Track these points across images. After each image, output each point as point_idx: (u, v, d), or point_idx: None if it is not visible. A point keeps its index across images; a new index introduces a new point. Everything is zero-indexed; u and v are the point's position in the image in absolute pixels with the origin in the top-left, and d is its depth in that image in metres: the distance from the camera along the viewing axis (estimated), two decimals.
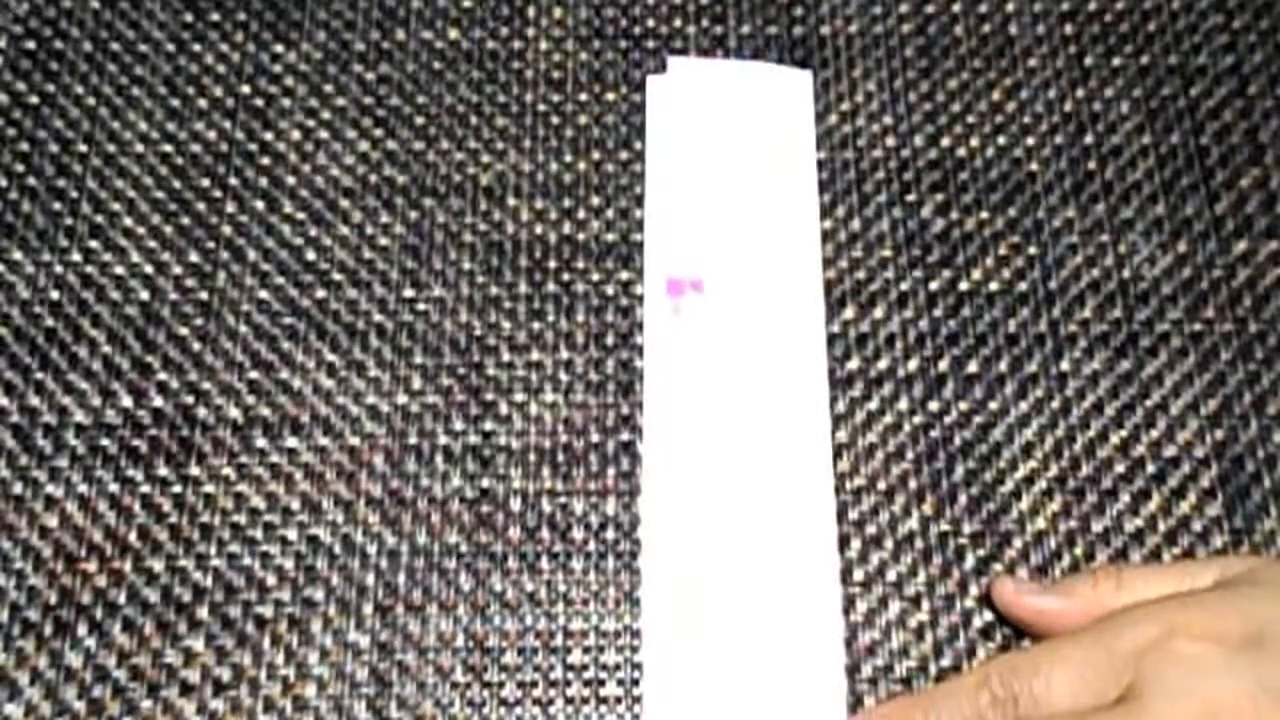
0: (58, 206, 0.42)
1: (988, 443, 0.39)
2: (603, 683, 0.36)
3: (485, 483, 0.39)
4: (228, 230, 0.42)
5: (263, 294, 0.41)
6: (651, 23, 0.46)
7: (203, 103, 0.44)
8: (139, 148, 0.43)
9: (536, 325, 0.41)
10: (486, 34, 0.46)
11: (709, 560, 0.37)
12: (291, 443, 0.39)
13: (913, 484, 0.38)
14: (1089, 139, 0.43)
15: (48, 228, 0.42)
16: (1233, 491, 0.38)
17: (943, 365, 0.40)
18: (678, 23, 0.46)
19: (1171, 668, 0.32)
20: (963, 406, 0.39)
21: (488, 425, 0.39)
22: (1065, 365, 0.40)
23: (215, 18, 0.46)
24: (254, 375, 0.40)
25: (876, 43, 0.45)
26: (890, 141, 0.43)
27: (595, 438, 0.39)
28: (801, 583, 0.37)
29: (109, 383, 0.40)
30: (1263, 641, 0.32)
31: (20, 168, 0.43)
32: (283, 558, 0.38)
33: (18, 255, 0.42)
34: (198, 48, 0.45)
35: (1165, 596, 0.34)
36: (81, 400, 0.40)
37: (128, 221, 0.42)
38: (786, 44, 0.45)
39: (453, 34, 0.46)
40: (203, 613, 0.37)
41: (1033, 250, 0.42)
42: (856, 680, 0.36)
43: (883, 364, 0.40)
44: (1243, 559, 0.36)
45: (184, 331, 0.41)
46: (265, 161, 0.43)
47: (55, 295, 0.41)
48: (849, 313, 0.41)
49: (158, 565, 0.37)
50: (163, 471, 0.39)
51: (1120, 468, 0.38)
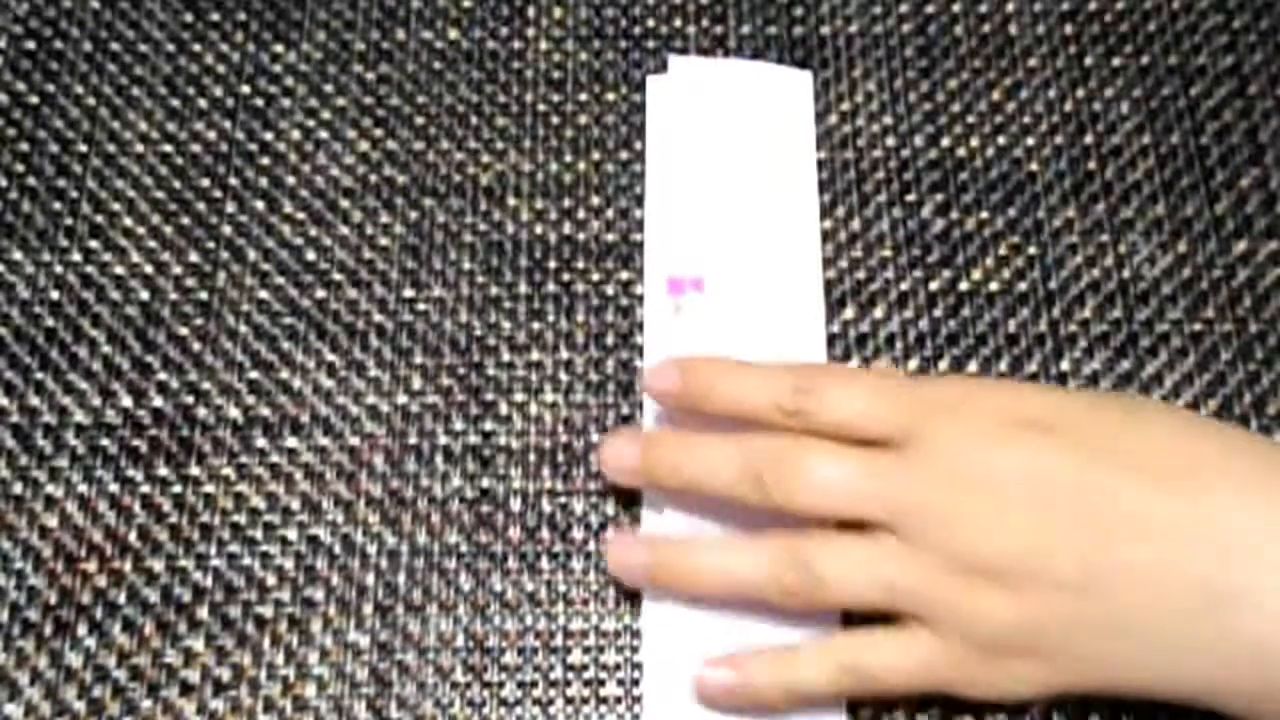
0: (58, 206, 0.42)
1: None
2: (603, 683, 0.36)
3: (485, 483, 0.39)
4: (228, 230, 0.42)
5: (263, 294, 0.41)
6: (651, 23, 0.46)
7: (203, 103, 0.44)
8: (139, 148, 0.43)
9: (536, 325, 0.41)
10: (486, 34, 0.46)
11: None
12: (291, 443, 0.39)
13: None
14: (1089, 139, 0.43)
15: (48, 228, 0.42)
16: None
17: (943, 365, 0.40)
18: (678, 23, 0.46)
19: (953, 428, 0.33)
20: None
21: (488, 425, 0.39)
22: (1065, 365, 0.40)
23: (215, 18, 0.46)
24: (254, 375, 0.40)
25: (876, 43, 0.45)
26: (890, 141, 0.43)
27: (595, 438, 0.39)
28: None
29: (109, 383, 0.40)
30: (1052, 429, 0.32)
31: (20, 168, 0.43)
32: (283, 558, 0.38)
33: (18, 255, 0.42)
34: (198, 48, 0.45)
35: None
36: (81, 400, 0.40)
37: (128, 221, 0.42)
38: (786, 44, 0.45)
39: (453, 34, 0.46)
40: (203, 613, 0.37)
41: (1033, 250, 0.42)
42: None
43: (883, 364, 0.40)
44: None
45: (184, 331, 0.41)
46: (265, 161, 0.43)
47: (55, 295, 0.41)
48: (849, 313, 0.41)
49: (158, 565, 0.37)
50: (163, 471, 0.39)
51: None
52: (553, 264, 0.42)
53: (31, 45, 0.45)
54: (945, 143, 0.43)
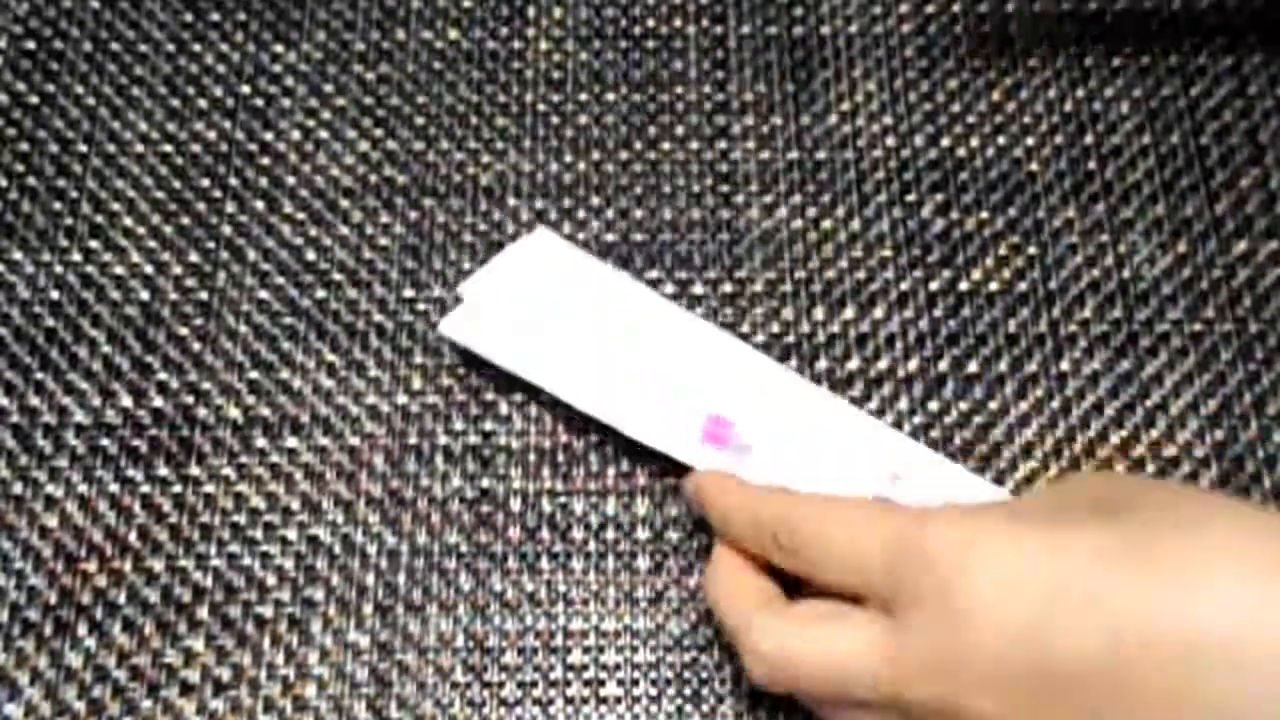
0: (58, 206, 0.42)
1: (988, 443, 0.39)
2: (603, 683, 0.36)
3: (485, 483, 0.39)
4: (228, 230, 0.42)
5: (263, 294, 0.41)
6: (651, 23, 0.46)
7: (203, 103, 0.44)
8: (139, 148, 0.43)
9: None
10: (486, 34, 0.46)
11: None
12: (291, 443, 0.39)
13: None
14: (1089, 139, 0.43)
15: (48, 228, 0.42)
16: (1233, 491, 0.38)
17: (943, 365, 0.40)
18: (678, 23, 0.46)
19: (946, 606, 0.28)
20: (963, 406, 0.39)
21: (488, 425, 0.39)
22: (1065, 365, 0.40)
23: (215, 18, 0.46)
24: (254, 375, 0.40)
25: (876, 43, 0.45)
26: (890, 141, 0.43)
27: (595, 438, 0.39)
28: None
29: (109, 383, 0.40)
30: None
31: (20, 168, 0.43)
32: (283, 558, 0.38)
33: (18, 255, 0.42)
34: (198, 48, 0.45)
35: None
36: (81, 400, 0.40)
37: (128, 221, 0.42)
38: (786, 44, 0.45)
39: (453, 34, 0.46)
40: (203, 613, 0.37)
41: (1033, 250, 0.42)
42: None
43: (883, 364, 0.40)
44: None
45: (184, 331, 0.41)
46: (265, 161, 0.43)
47: (55, 295, 0.41)
48: (849, 313, 0.41)
49: (158, 565, 0.37)
50: (163, 471, 0.39)
51: (1120, 468, 0.38)
52: None
53: (31, 45, 0.45)
54: (945, 143, 0.43)
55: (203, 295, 0.41)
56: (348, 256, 0.42)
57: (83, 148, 0.43)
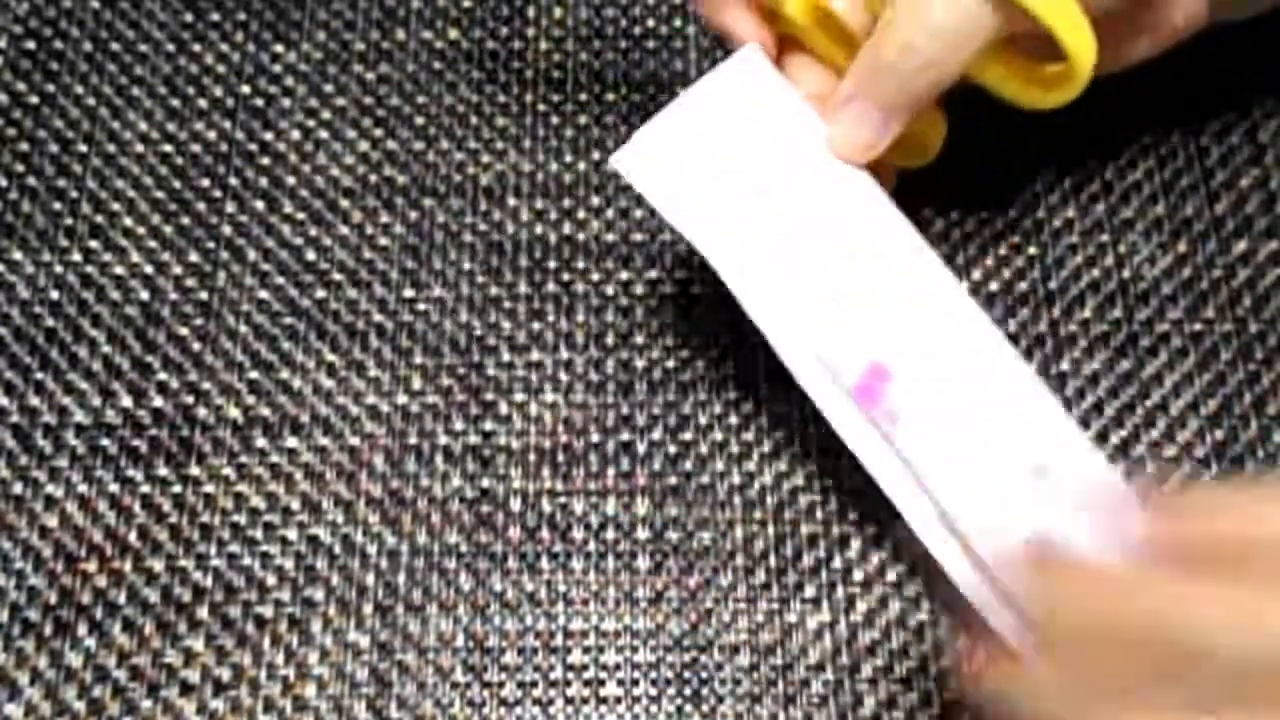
0: (58, 206, 0.42)
1: None
2: (603, 683, 0.36)
3: (485, 483, 0.39)
4: (228, 230, 0.42)
5: (263, 294, 0.41)
6: (651, 23, 0.46)
7: (203, 103, 0.44)
8: (139, 148, 0.43)
9: (536, 325, 0.41)
10: (486, 34, 0.46)
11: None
12: (291, 443, 0.39)
13: None
14: (1089, 139, 0.43)
15: (48, 228, 0.42)
16: None
17: None
18: (677, 23, 0.46)
19: None
20: None
21: (488, 425, 0.39)
22: (1065, 365, 0.40)
23: (215, 18, 0.46)
24: (254, 375, 0.40)
25: None
26: None
27: (595, 438, 0.39)
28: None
29: (109, 383, 0.40)
30: None
31: (20, 168, 0.43)
32: (283, 558, 0.38)
33: (18, 255, 0.42)
34: (198, 48, 0.45)
35: None
36: (81, 400, 0.40)
37: (128, 221, 0.42)
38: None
39: (453, 34, 0.46)
40: (203, 613, 0.37)
41: (1033, 250, 0.42)
42: (856, 680, 0.36)
43: None
44: None
45: (184, 331, 0.41)
46: (265, 161, 0.43)
47: (55, 295, 0.41)
48: None
49: (158, 565, 0.37)
50: (163, 471, 0.39)
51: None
52: (553, 264, 0.42)
53: (31, 45, 0.45)
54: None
55: (203, 295, 0.41)
56: (348, 256, 0.42)
57: (83, 148, 0.43)
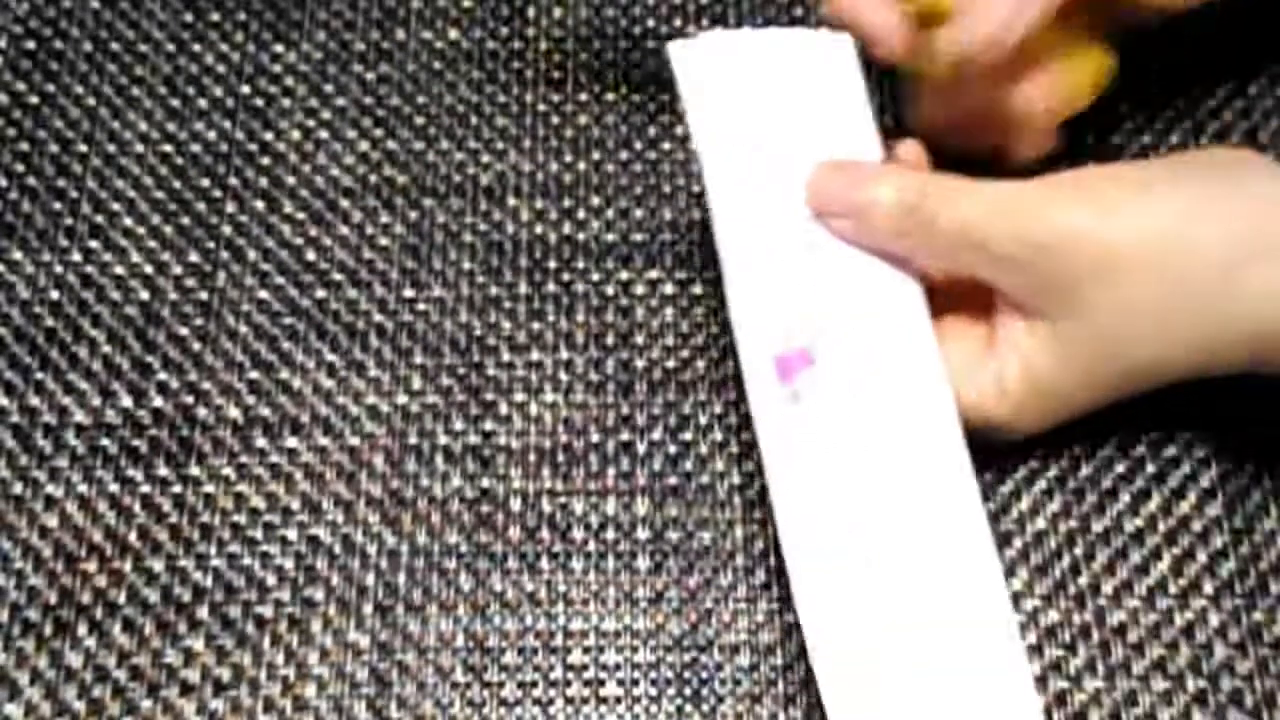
0: (58, 206, 0.42)
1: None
2: (603, 683, 0.36)
3: (485, 483, 0.39)
4: (228, 230, 0.42)
5: (263, 294, 0.41)
6: (651, 23, 0.46)
7: (203, 103, 0.44)
8: (139, 148, 0.43)
9: (536, 325, 0.41)
10: (486, 34, 0.46)
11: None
12: (291, 443, 0.39)
13: None
14: (1089, 139, 0.43)
15: (48, 228, 0.42)
16: (1233, 491, 0.38)
17: None
18: (678, 22, 0.46)
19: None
20: None
21: (488, 425, 0.39)
22: None
23: (215, 18, 0.46)
24: (254, 375, 0.40)
25: None
26: (890, 141, 0.43)
27: (595, 438, 0.39)
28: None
29: (109, 383, 0.40)
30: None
31: (20, 168, 0.43)
32: (283, 558, 0.38)
33: (18, 255, 0.42)
34: (198, 48, 0.45)
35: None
36: (81, 400, 0.40)
37: (128, 221, 0.42)
38: None
39: (453, 34, 0.46)
40: (203, 613, 0.37)
41: None
42: None
43: None
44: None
45: (184, 331, 0.41)
46: (265, 161, 0.43)
47: (55, 295, 0.41)
48: None
49: (158, 565, 0.37)
50: (163, 471, 0.39)
51: (1120, 468, 0.38)
52: (553, 264, 0.42)
53: (31, 45, 0.45)
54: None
55: (203, 295, 0.41)
56: (348, 256, 0.42)
57: (83, 148, 0.43)
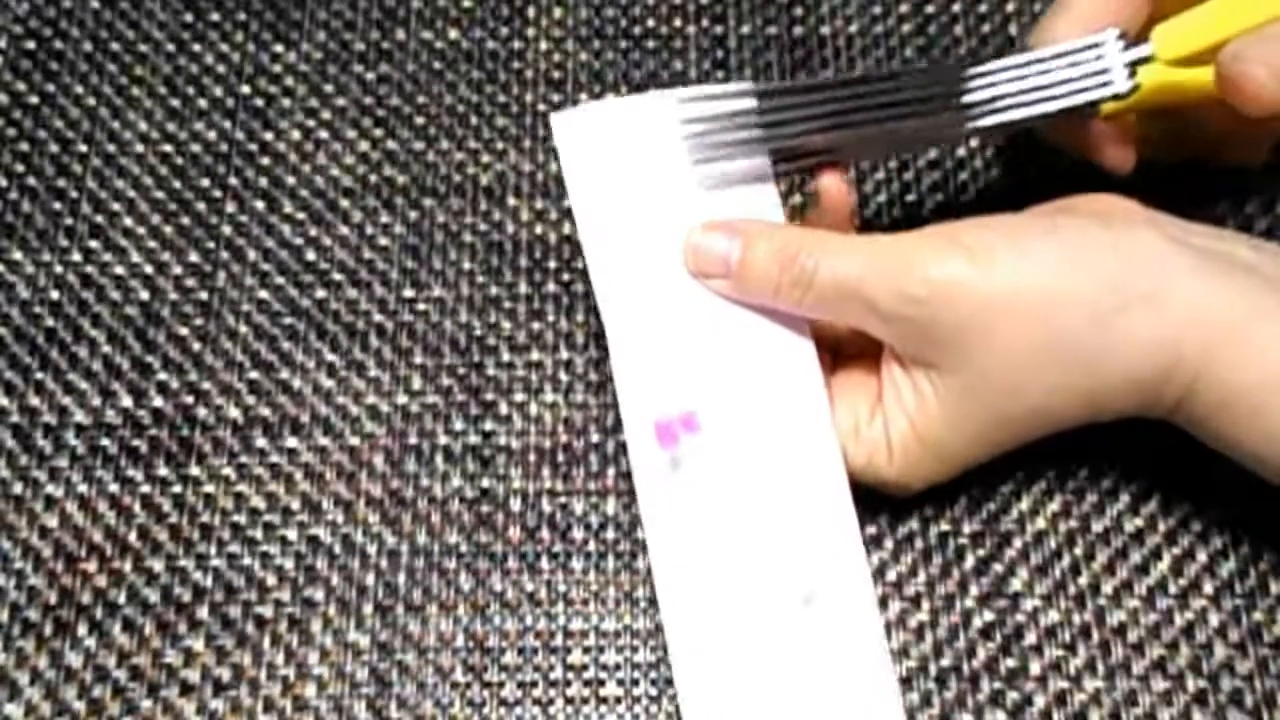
0: (58, 206, 0.42)
1: None
2: (603, 683, 0.36)
3: (485, 483, 0.39)
4: (228, 230, 0.42)
5: (263, 294, 0.41)
6: (651, 23, 0.46)
7: (203, 103, 0.44)
8: (139, 148, 0.43)
9: (536, 325, 0.41)
10: (486, 34, 0.46)
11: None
12: (291, 443, 0.39)
13: None
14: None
15: (48, 228, 0.42)
16: (1233, 491, 0.38)
17: None
18: (678, 22, 0.46)
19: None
20: None
21: (488, 425, 0.39)
22: None
23: (215, 18, 0.46)
24: (254, 375, 0.40)
25: (876, 43, 0.45)
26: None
27: (595, 438, 0.39)
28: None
29: (109, 383, 0.40)
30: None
31: (20, 168, 0.43)
32: (283, 558, 0.38)
33: (18, 255, 0.42)
34: (198, 48, 0.45)
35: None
36: (81, 400, 0.40)
37: (128, 221, 0.42)
38: (786, 44, 0.45)
39: (453, 34, 0.46)
40: (203, 613, 0.37)
41: None
42: None
43: None
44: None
45: (184, 331, 0.41)
46: (265, 161, 0.43)
47: (55, 295, 0.41)
48: None
49: (158, 565, 0.37)
50: (163, 471, 0.39)
51: (1121, 467, 0.38)
52: (553, 264, 0.42)
53: (31, 45, 0.45)
54: None
55: (203, 295, 0.41)
56: (348, 256, 0.42)
57: (83, 148, 0.43)
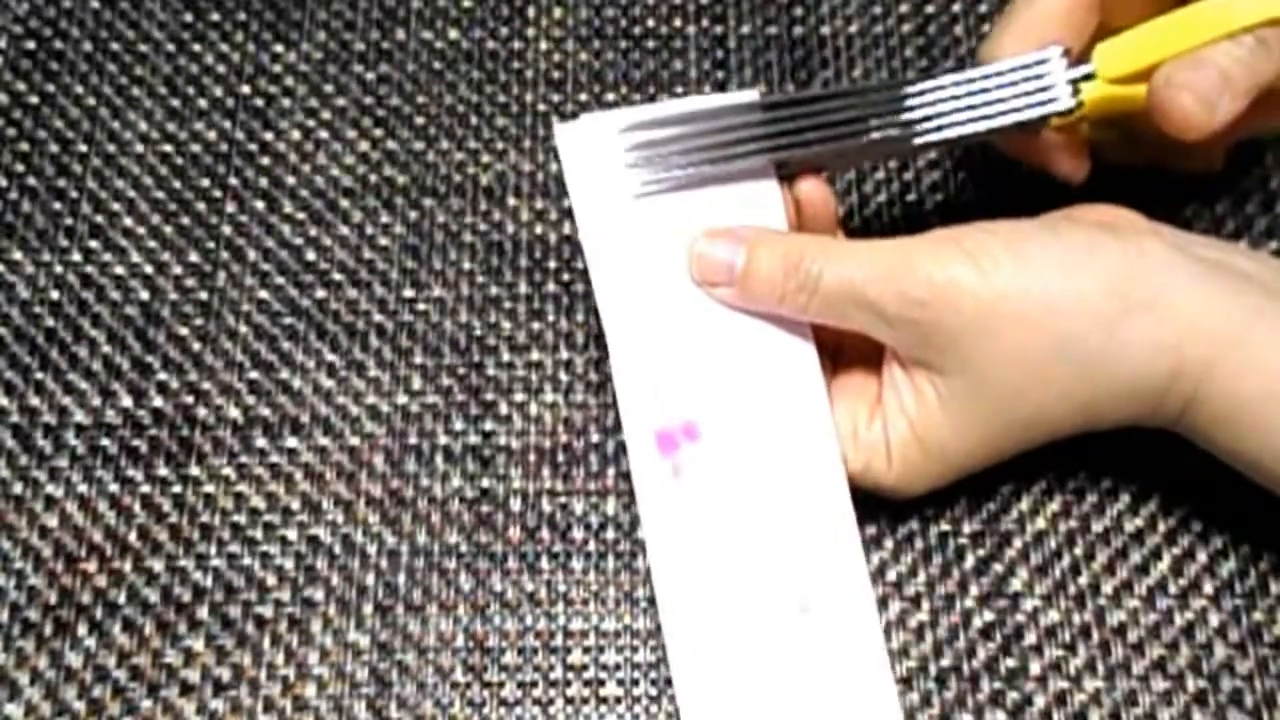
0: (58, 206, 0.42)
1: None
2: (603, 683, 0.36)
3: (485, 483, 0.39)
4: (228, 230, 0.42)
5: (263, 294, 0.41)
6: (651, 23, 0.46)
7: (203, 103, 0.44)
8: (139, 148, 0.43)
9: (536, 325, 0.41)
10: (486, 34, 0.46)
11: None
12: (291, 443, 0.39)
13: None
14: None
15: (48, 228, 0.42)
16: (1232, 490, 0.38)
17: None
18: (678, 22, 0.46)
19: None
20: None
21: (488, 425, 0.39)
22: None
23: (215, 18, 0.46)
24: (254, 375, 0.40)
25: (876, 43, 0.45)
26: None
27: (595, 438, 0.39)
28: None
29: (109, 383, 0.40)
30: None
31: (20, 168, 0.43)
32: (283, 558, 0.38)
33: (18, 255, 0.42)
34: (198, 48, 0.45)
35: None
36: (81, 400, 0.40)
37: (128, 221, 0.42)
38: (786, 44, 0.45)
39: (453, 34, 0.46)
40: (203, 613, 0.37)
41: None
42: None
43: None
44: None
45: (184, 331, 0.41)
46: (265, 161, 0.43)
47: (55, 295, 0.41)
48: None
49: (158, 565, 0.37)
50: (163, 471, 0.39)
51: (1121, 467, 0.38)
52: (553, 264, 0.42)
53: (31, 45, 0.45)
54: None
55: (203, 295, 0.41)
56: (348, 256, 0.42)
57: (83, 148, 0.43)
